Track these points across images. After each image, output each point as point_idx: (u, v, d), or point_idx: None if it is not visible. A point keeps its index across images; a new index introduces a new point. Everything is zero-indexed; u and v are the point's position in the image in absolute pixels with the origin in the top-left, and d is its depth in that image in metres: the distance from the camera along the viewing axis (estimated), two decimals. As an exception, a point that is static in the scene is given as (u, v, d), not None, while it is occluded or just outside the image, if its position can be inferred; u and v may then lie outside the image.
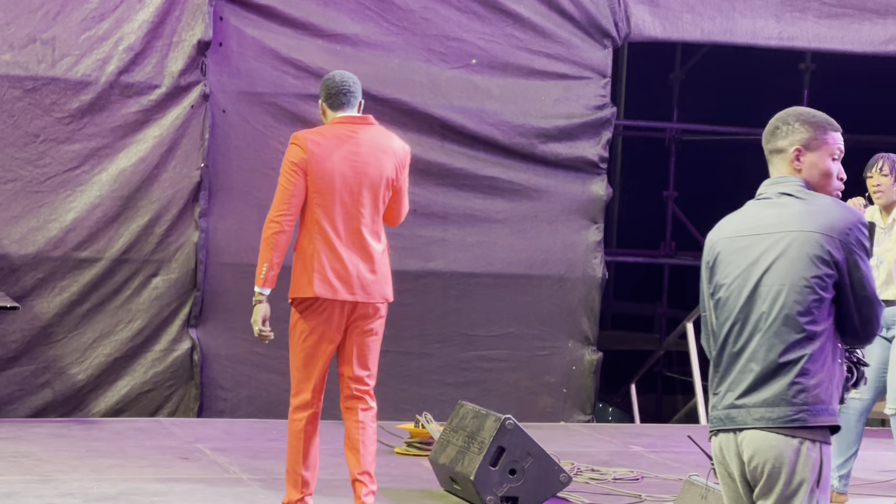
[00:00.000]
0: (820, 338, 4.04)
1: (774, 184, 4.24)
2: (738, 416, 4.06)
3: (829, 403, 4.04)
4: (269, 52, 9.50)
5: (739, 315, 4.11)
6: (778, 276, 4.07)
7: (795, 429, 3.99)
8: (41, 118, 9.14)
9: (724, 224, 4.29)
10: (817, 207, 4.13)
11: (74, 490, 7.02)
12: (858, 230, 4.10)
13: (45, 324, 9.16)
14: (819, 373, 4.02)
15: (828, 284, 4.05)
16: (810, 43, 10.71)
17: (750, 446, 4.04)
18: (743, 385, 4.06)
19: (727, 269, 4.18)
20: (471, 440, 7.12)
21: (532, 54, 10.05)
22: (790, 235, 4.09)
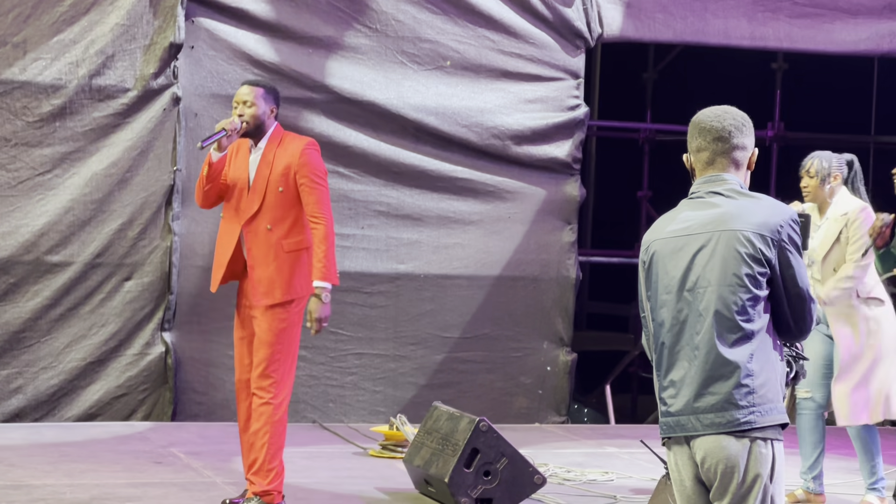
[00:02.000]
0: (758, 336, 4.04)
1: (708, 182, 4.20)
2: (689, 423, 4.05)
3: (776, 402, 4.04)
4: (241, 54, 9.48)
5: (677, 317, 4.09)
6: (711, 276, 4.05)
7: (746, 431, 3.99)
8: (12, 122, 9.10)
9: (659, 224, 4.26)
10: (748, 205, 4.11)
11: (47, 495, 6.99)
12: (790, 227, 4.09)
13: (18, 329, 9.12)
14: (763, 372, 4.02)
15: (761, 282, 4.04)
16: (782, 43, 10.75)
17: (701, 450, 4.04)
18: (688, 390, 4.04)
19: (662, 271, 4.15)
20: (445, 442, 7.11)
21: (505, 55, 10.05)
22: (721, 234, 4.07)
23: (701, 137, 4.22)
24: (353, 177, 9.71)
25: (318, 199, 6.47)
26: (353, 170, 9.71)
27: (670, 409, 4.09)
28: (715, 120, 4.21)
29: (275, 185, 6.47)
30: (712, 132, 4.19)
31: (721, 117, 4.21)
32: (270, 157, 6.52)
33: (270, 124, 6.57)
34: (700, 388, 4.02)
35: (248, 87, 6.59)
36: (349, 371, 9.74)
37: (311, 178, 6.48)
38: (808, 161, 7.42)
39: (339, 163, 9.61)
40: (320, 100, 9.63)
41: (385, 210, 9.83)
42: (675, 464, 4.12)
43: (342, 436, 9.03)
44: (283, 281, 6.46)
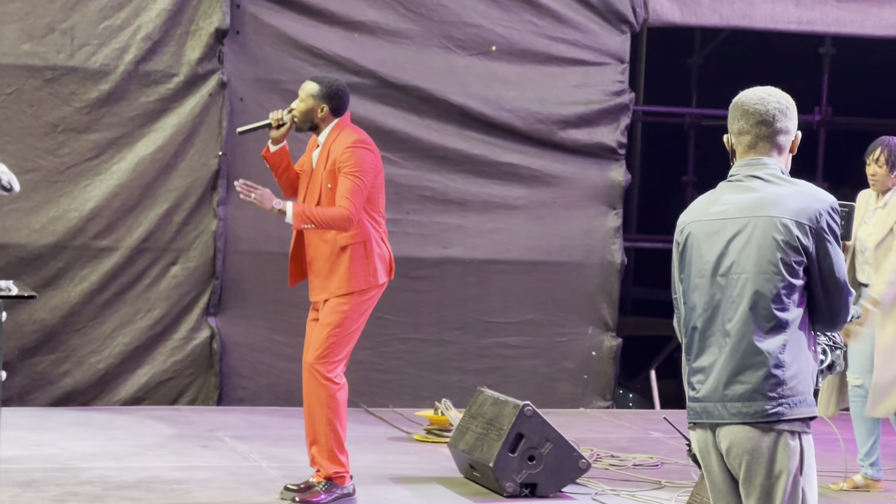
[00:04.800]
0: (792, 326, 3.95)
1: (748, 166, 4.10)
2: (715, 410, 3.98)
3: (806, 394, 3.96)
4: (286, 39, 9.50)
5: (709, 302, 4.01)
6: (747, 263, 3.96)
7: (773, 422, 3.92)
8: (60, 108, 9.16)
9: (695, 206, 4.16)
10: (787, 192, 4.01)
11: (94, 478, 7.04)
12: (829, 215, 3.98)
13: (65, 313, 9.19)
14: (794, 363, 3.93)
15: (797, 271, 3.95)
16: (830, 27, 10.66)
17: (727, 439, 3.97)
18: (717, 377, 3.96)
19: (697, 254, 4.06)
20: (490, 427, 7.12)
21: (550, 40, 10.03)
22: (759, 220, 3.98)
23: (743, 120, 4.10)
24: (398, 161, 9.71)
25: (349, 189, 6.45)
26: (397, 154, 9.72)
27: (698, 394, 4.02)
28: (759, 103, 4.09)
29: (325, 180, 6.50)
30: (756, 115, 4.08)
31: (765, 100, 4.09)
32: (326, 153, 6.57)
33: (325, 121, 6.59)
34: (730, 376, 3.94)
35: (306, 82, 6.66)
36: (394, 356, 9.75)
37: (348, 171, 6.49)
38: (877, 149, 7.32)
39: (384, 148, 9.59)
40: (365, 84, 9.64)
41: (430, 195, 9.83)
42: (701, 448, 4.07)
43: (387, 420, 9.05)
44: (338, 276, 6.52)
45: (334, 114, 6.60)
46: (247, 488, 6.96)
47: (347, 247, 6.53)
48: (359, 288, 6.56)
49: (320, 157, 6.59)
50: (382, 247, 6.66)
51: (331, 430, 6.55)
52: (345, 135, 6.58)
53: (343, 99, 6.65)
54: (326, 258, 6.55)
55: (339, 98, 6.62)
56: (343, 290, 6.53)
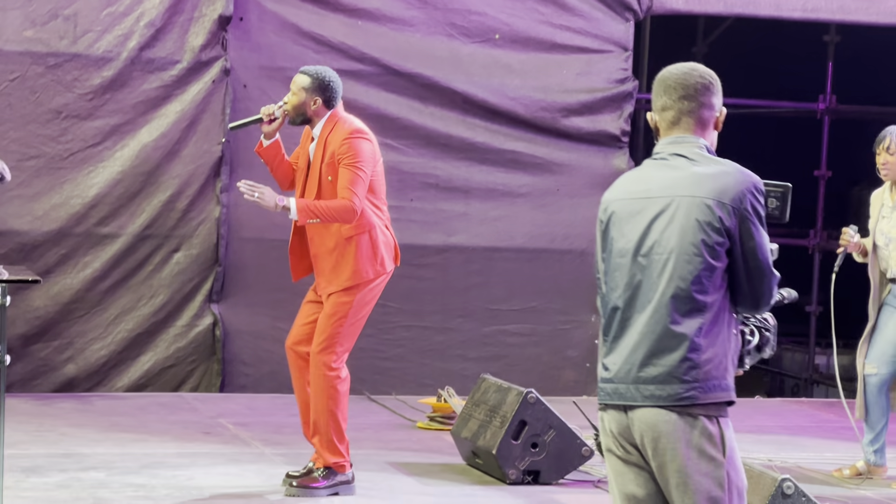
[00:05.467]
0: (711, 309, 3.83)
1: (673, 143, 3.97)
2: (628, 392, 3.86)
3: (722, 379, 3.85)
4: (289, 26, 9.48)
5: (630, 283, 3.89)
6: (668, 243, 3.85)
7: (687, 406, 3.81)
8: (63, 94, 9.15)
9: (619, 184, 4.05)
10: (711, 171, 3.90)
11: (98, 464, 7.05)
12: (753, 196, 3.87)
13: (68, 300, 9.19)
14: (711, 347, 3.83)
15: (719, 253, 3.83)
16: (834, 14, 10.64)
17: (640, 422, 3.85)
18: (632, 359, 3.86)
19: (619, 233, 3.95)
20: (493, 414, 7.12)
21: (554, 28, 10.01)
22: (682, 200, 3.86)
23: (666, 95, 3.98)
24: (402, 149, 9.70)
25: (351, 181, 6.42)
26: (401, 142, 9.71)
27: (611, 375, 3.90)
28: (682, 77, 3.97)
29: (325, 173, 6.48)
30: (678, 90, 3.96)
31: (689, 74, 3.97)
32: (322, 145, 6.54)
33: (318, 114, 6.56)
34: (645, 358, 3.84)
35: (298, 75, 6.63)
36: (397, 343, 9.75)
37: (348, 162, 6.46)
38: (888, 137, 7.28)
39: (388, 135, 9.60)
40: (369, 72, 9.62)
41: (433, 182, 9.82)
42: (610, 431, 3.93)
43: (390, 408, 9.05)
44: (345, 267, 6.49)
45: (327, 105, 6.57)
46: (249, 474, 6.97)
47: (353, 237, 6.51)
48: (367, 278, 6.54)
49: (317, 151, 6.55)
50: (387, 234, 6.65)
51: (332, 421, 6.54)
52: (340, 126, 6.55)
53: (335, 90, 6.59)
54: (331, 251, 6.53)
55: (330, 89, 6.57)
56: (352, 281, 6.51)
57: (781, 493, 5.49)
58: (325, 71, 6.66)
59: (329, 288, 6.54)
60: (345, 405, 6.59)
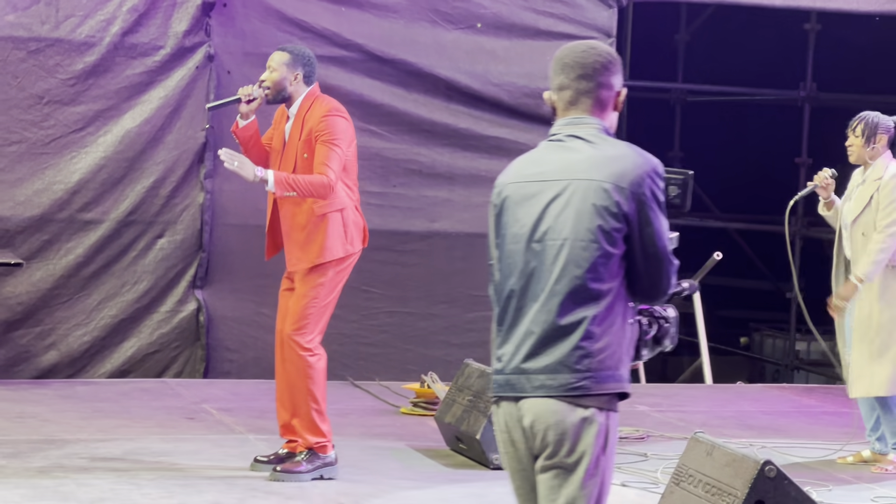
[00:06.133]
0: (607, 297, 3.68)
1: (570, 124, 3.81)
2: (518, 382, 3.71)
3: (615, 369, 3.70)
4: (273, 12, 9.47)
5: (524, 269, 3.73)
6: (563, 229, 3.69)
7: (579, 397, 3.66)
8: (45, 80, 9.13)
9: (514, 167, 3.87)
10: (609, 153, 3.73)
11: (80, 450, 7.04)
12: (652, 180, 3.71)
13: (51, 286, 9.17)
14: (605, 336, 3.68)
15: (616, 239, 3.68)
16: (815, 3, 10.67)
17: (530, 413, 3.70)
18: (524, 348, 3.70)
19: (512, 218, 3.78)
20: (476, 399, 7.13)
21: (537, 14, 10.02)
22: (578, 184, 3.70)
23: (564, 74, 3.82)
24: (385, 135, 9.71)
25: (327, 157, 6.44)
26: (384, 128, 9.71)
27: (504, 366, 3.75)
28: (580, 56, 3.81)
29: (301, 150, 6.50)
30: (576, 69, 3.80)
31: (587, 53, 3.81)
32: (300, 122, 6.55)
33: (297, 90, 6.57)
34: (536, 347, 3.69)
35: (275, 53, 6.64)
36: (381, 329, 9.76)
37: (326, 139, 6.48)
38: (855, 120, 7.33)
39: (371, 121, 9.61)
40: (352, 58, 9.62)
41: (417, 168, 9.83)
42: (504, 424, 3.77)
43: (373, 393, 9.06)
44: (317, 244, 6.51)
45: (307, 81, 6.59)
46: (233, 460, 6.96)
47: (325, 215, 6.52)
48: (337, 256, 6.55)
49: (294, 128, 6.56)
50: (357, 215, 6.67)
51: (311, 401, 6.56)
52: (319, 104, 6.58)
53: (313, 65, 6.66)
54: (303, 227, 6.53)
55: (311, 64, 6.63)
56: (322, 258, 6.52)
57: (764, 476, 5.51)
58: (303, 47, 6.73)
59: (299, 265, 6.55)
60: (323, 384, 6.61)
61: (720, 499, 5.59)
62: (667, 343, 3.88)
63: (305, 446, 6.60)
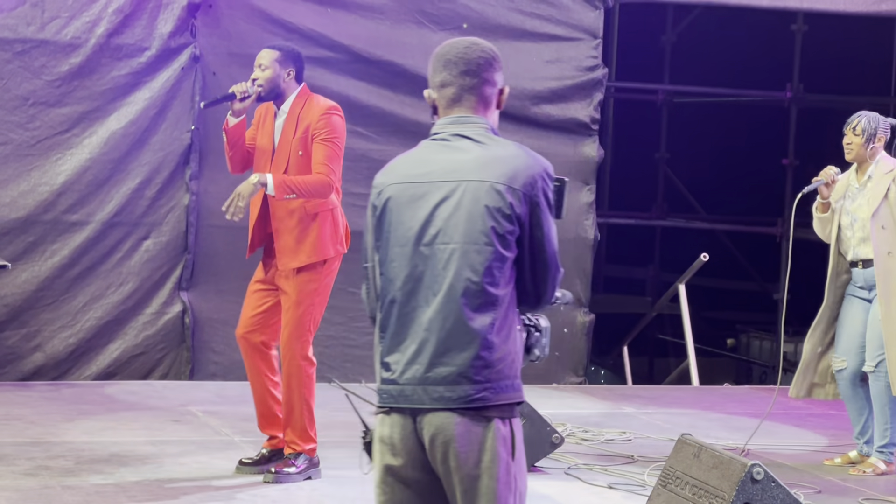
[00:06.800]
0: (502, 304, 3.56)
1: (454, 123, 3.68)
2: (415, 394, 3.57)
3: (514, 378, 3.59)
4: (259, 13, 9.46)
5: (411, 274, 3.59)
6: (455, 232, 3.56)
7: (479, 409, 3.54)
8: (31, 81, 9.10)
9: (395, 167, 3.72)
10: (499, 154, 3.63)
11: (66, 452, 7.02)
12: (544, 182, 3.62)
13: (36, 287, 9.14)
14: (504, 344, 3.57)
15: (510, 242, 3.56)
16: (802, 3, 10.68)
17: (431, 426, 3.56)
18: (419, 358, 3.57)
19: (397, 220, 3.63)
20: (463, 401, 7.12)
21: (523, 16, 10.01)
22: (468, 185, 3.58)
23: (446, 71, 3.69)
24: (372, 136, 9.69)
25: (328, 156, 6.44)
26: (371, 129, 9.70)
27: (395, 376, 3.61)
28: (463, 52, 3.69)
29: (296, 148, 6.48)
30: (459, 65, 3.68)
31: (470, 48, 3.71)
32: (294, 120, 6.52)
33: (289, 88, 6.56)
34: (433, 357, 3.55)
35: (265, 51, 6.61)
36: (366, 331, 9.75)
37: (325, 137, 6.47)
38: (855, 119, 7.33)
39: (357, 123, 9.59)
40: (338, 59, 9.61)
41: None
42: (391, 437, 3.62)
43: (360, 395, 9.02)
44: (308, 243, 6.49)
45: (297, 79, 6.59)
46: (219, 462, 6.95)
47: (318, 214, 6.51)
48: (328, 255, 6.53)
49: (287, 126, 6.54)
50: (343, 216, 6.67)
51: (306, 409, 6.56)
52: (316, 101, 6.58)
53: (303, 62, 6.68)
54: (294, 227, 6.50)
55: (301, 61, 6.65)
56: (315, 257, 6.49)
57: (751, 479, 5.51)
58: (291, 45, 6.73)
59: (291, 263, 6.51)
60: (314, 390, 6.61)
61: (707, 501, 5.59)
62: (536, 353, 3.73)
63: (301, 450, 6.59)
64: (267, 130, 6.61)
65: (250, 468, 6.68)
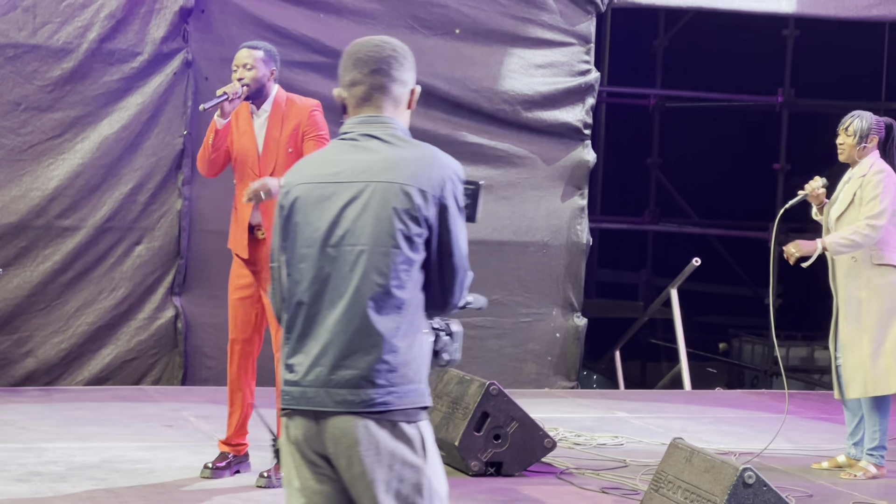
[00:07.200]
0: (408, 306, 3.52)
1: (364, 123, 3.63)
2: (318, 396, 3.52)
3: (419, 383, 3.55)
4: (251, 18, 9.46)
5: (318, 276, 3.54)
6: (363, 233, 3.51)
7: (383, 412, 3.50)
8: (22, 86, 9.10)
9: (304, 166, 3.67)
10: (409, 155, 3.58)
11: (58, 458, 7.02)
12: (454, 184, 3.58)
13: (28, 292, 9.14)
14: (409, 349, 3.52)
15: (418, 245, 3.52)
16: (793, 9, 10.70)
17: (334, 429, 3.52)
18: (323, 360, 3.52)
19: (304, 220, 3.58)
20: (455, 406, 7.13)
21: (516, 20, 10.03)
22: (377, 186, 3.53)
23: (356, 69, 3.63)
24: (364, 142, 9.69)
25: None
26: (363, 135, 9.69)
27: (298, 377, 3.54)
28: (373, 50, 3.63)
29: (285, 146, 6.49)
30: (370, 63, 3.62)
31: (380, 47, 3.64)
32: (279, 119, 6.53)
33: (271, 87, 6.59)
34: (337, 359, 3.51)
35: (247, 51, 6.60)
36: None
37: (316, 135, 6.53)
38: (848, 119, 7.32)
39: (349, 128, 9.59)
40: (330, 64, 9.60)
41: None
42: (295, 439, 3.58)
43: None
44: None
45: (275, 78, 6.62)
46: (212, 468, 6.94)
47: None
48: None
49: (271, 125, 6.54)
50: None
51: None
52: (299, 100, 6.63)
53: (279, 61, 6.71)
54: None
55: (279, 60, 6.67)
56: None
57: (743, 483, 5.51)
58: (267, 43, 6.75)
59: None
60: None
61: (699, 505, 5.59)
62: (445, 357, 3.67)
63: None
64: (246, 131, 6.60)
65: (213, 472, 6.68)
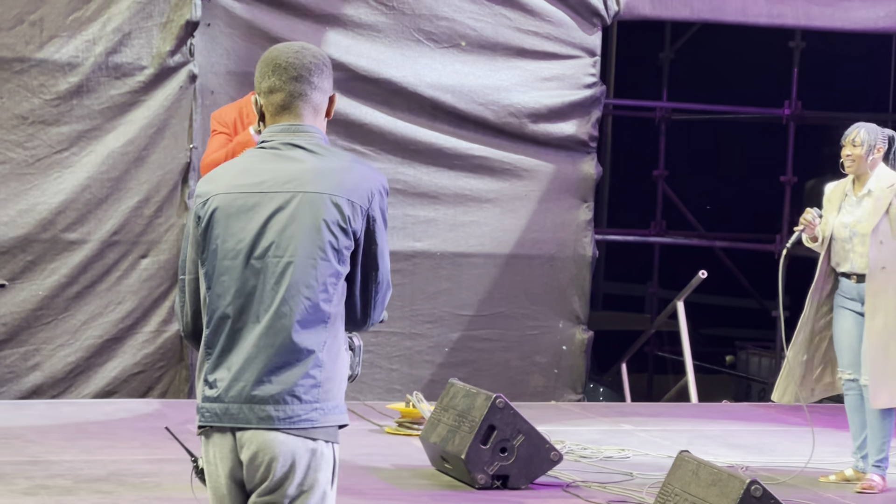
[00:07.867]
0: (334, 321, 3.46)
1: (285, 132, 3.55)
2: (240, 413, 3.44)
3: (339, 399, 3.50)
4: (257, 32, 9.47)
5: (242, 289, 3.45)
6: (289, 245, 3.43)
7: (307, 429, 3.44)
8: (29, 100, 9.11)
9: (222, 176, 3.56)
10: (335, 165, 3.51)
11: (65, 471, 7.01)
12: (381, 196, 3.54)
13: (35, 306, 9.15)
14: (333, 364, 3.47)
15: (345, 257, 3.47)
16: (800, 20, 10.70)
17: (253, 444, 3.45)
18: (246, 375, 3.44)
19: (226, 232, 3.48)
20: (461, 419, 7.12)
21: (522, 33, 10.03)
22: (305, 197, 3.46)
23: (276, 76, 3.55)
24: (370, 154, 9.71)
25: None
26: (369, 147, 9.71)
27: (220, 394, 3.47)
28: (293, 56, 3.55)
29: None
30: (290, 70, 3.54)
31: (300, 54, 3.56)
32: None
33: None
34: (261, 374, 3.43)
35: None
36: (365, 349, 9.69)
37: None
38: (854, 130, 7.28)
39: (356, 140, 9.61)
40: (337, 77, 9.55)
41: (401, 188, 9.83)
42: (214, 457, 3.53)
43: (358, 413, 9.04)
44: None
45: None
46: (218, 481, 6.94)
47: None
48: None
49: None
50: None
51: None
52: None
53: None
54: None
55: None
56: None
57: (750, 496, 5.51)
58: None
59: None
60: None
61: (706, 518, 5.58)
62: (349, 372, 3.62)
63: None
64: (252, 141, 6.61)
65: None
